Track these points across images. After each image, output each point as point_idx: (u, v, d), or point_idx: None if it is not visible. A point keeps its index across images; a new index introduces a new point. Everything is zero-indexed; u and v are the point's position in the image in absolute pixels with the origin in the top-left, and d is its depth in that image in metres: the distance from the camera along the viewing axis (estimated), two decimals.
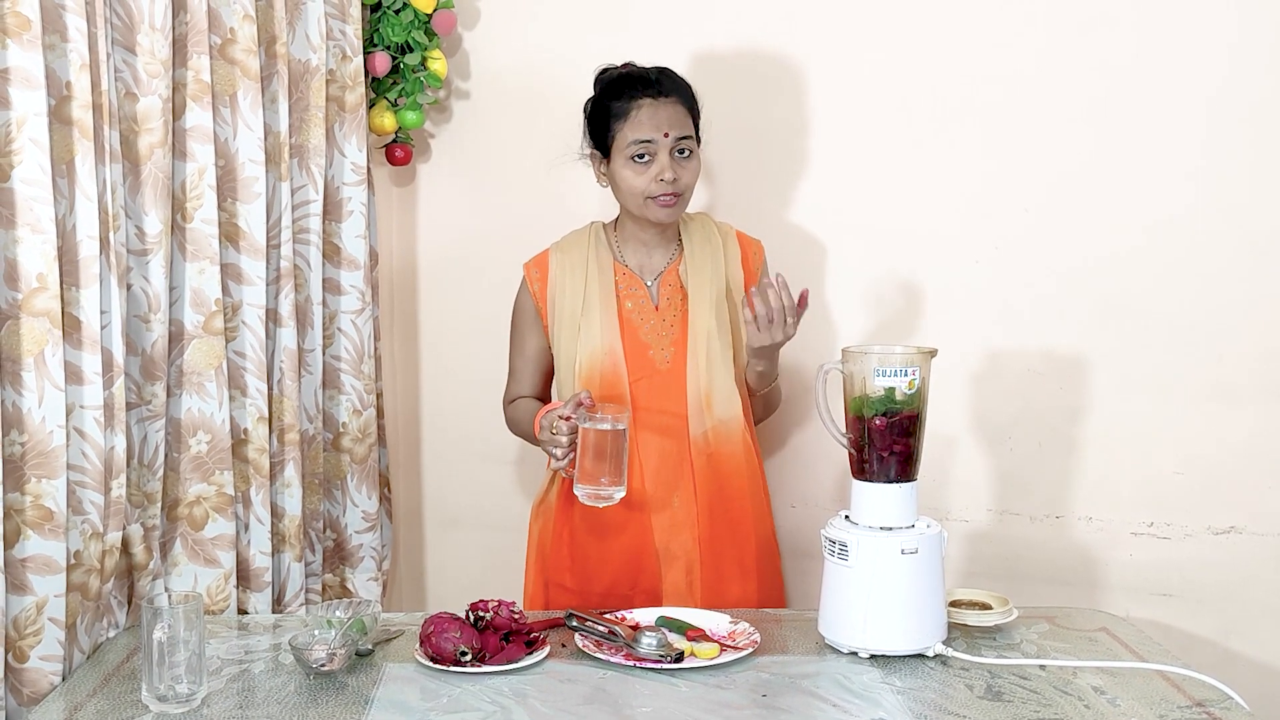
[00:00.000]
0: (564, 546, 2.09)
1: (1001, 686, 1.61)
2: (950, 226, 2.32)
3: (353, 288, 2.33)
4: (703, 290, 2.06)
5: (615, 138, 1.99)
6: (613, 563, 2.05)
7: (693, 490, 2.04)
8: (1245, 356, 2.16)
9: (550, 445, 1.94)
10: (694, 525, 2.03)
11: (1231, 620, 2.19)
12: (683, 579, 2.03)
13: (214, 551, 1.98)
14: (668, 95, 2.00)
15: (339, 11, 2.26)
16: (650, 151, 1.97)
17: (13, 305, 1.59)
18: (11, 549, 1.61)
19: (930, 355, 1.76)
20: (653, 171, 1.97)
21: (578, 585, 2.07)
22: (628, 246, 2.10)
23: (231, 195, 2.00)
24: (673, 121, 1.98)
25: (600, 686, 1.61)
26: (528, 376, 2.17)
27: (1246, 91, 2.12)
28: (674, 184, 1.98)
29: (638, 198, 2.00)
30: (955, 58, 2.29)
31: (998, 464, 2.32)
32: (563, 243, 2.14)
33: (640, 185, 1.98)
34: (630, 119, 1.98)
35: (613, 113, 2.00)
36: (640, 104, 1.98)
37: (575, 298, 2.07)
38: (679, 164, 1.98)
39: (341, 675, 1.65)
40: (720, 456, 2.05)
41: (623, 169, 2.00)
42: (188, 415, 1.94)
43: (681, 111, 2.01)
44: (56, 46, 1.62)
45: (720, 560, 2.05)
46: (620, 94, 2.00)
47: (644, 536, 2.04)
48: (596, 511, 2.00)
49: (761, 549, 2.10)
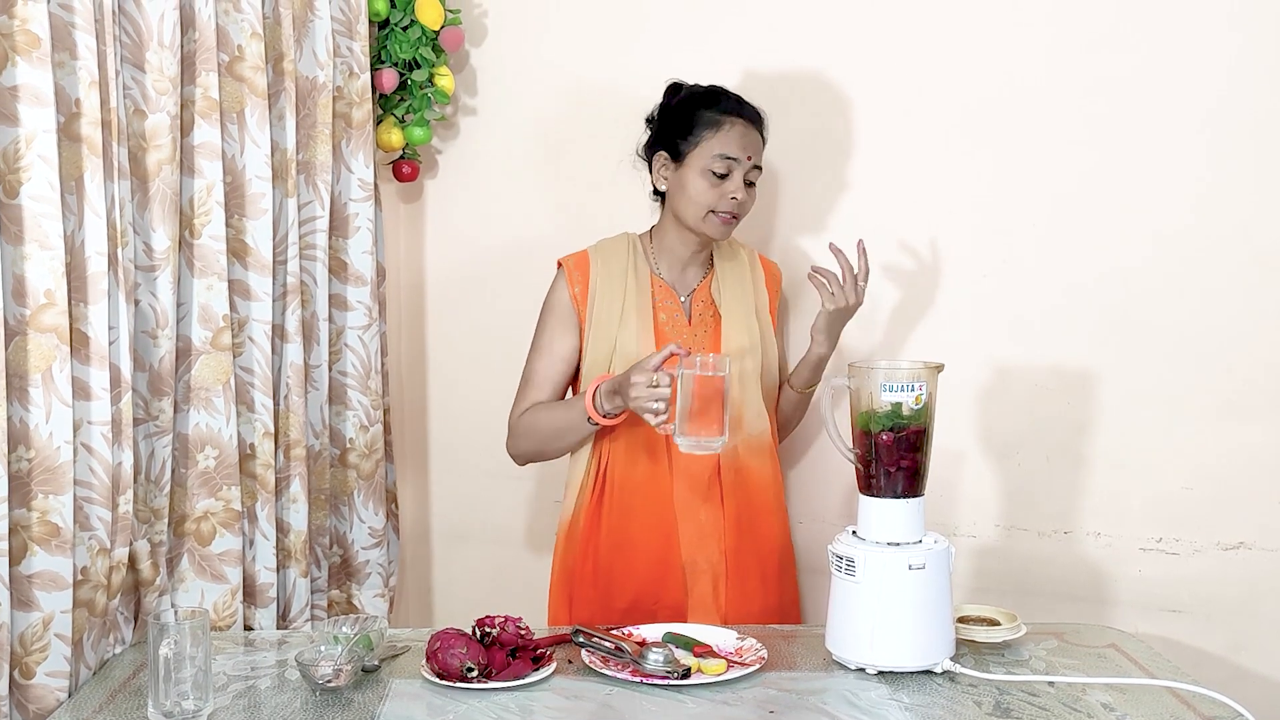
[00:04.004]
0: (590, 560, 2.08)
1: (1010, 703, 1.60)
2: (958, 241, 2.32)
3: (360, 303, 2.33)
4: (735, 309, 2.10)
5: (699, 146, 2.01)
6: (639, 575, 2.05)
7: (720, 503, 2.05)
8: (1254, 370, 2.15)
9: (649, 400, 1.82)
10: (720, 538, 2.05)
11: (1241, 636, 2.18)
12: (709, 591, 2.04)
13: (221, 567, 1.98)
14: (754, 123, 2.05)
15: (346, 29, 2.27)
16: (730, 169, 2.00)
17: (21, 321, 1.60)
18: (18, 565, 1.61)
19: (937, 370, 1.75)
20: (726, 188, 2.00)
21: (602, 599, 2.06)
22: (663, 260, 2.11)
23: (239, 211, 2.01)
24: (755, 148, 2.04)
25: (607, 703, 1.61)
26: (550, 383, 2.08)
27: (1250, 106, 2.12)
28: (739, 205, 2.01)
29: (701, 209, 2.01)
30: (960, 75, 2.29)
31: (1005, 479, 2.32)
32: (602, 248, 2.12)
33: (709, 198, 2.00)
34: (722, 133, 2.01)
35: (703, 121, 2.02)
36: (734, 122, 2.02)
37: (614, 306, 2.06)
38: (746, 190, 2.03)
39: (347, 691, 1.64)
40: (749, 471, 2.08)
41: (697, 178, 2.01)
42: (195, 431, 1.95)
43: (760, 143, 2.06)
44: (66, 64, 1.63)
45: (745, 574, 2.06)
46: (715, 105, 2.03)
47: (671, 549, 2.04)
48: (624, 524, 2.02)
49: (783, 563, 2.12)
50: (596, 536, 2.07)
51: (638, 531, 2.04)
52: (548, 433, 2.05)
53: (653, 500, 2.04)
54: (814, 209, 2.40)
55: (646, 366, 1.83)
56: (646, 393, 1.82)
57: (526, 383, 2.11)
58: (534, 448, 2.09)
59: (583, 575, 2.08)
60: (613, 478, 2.06)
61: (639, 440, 2.04)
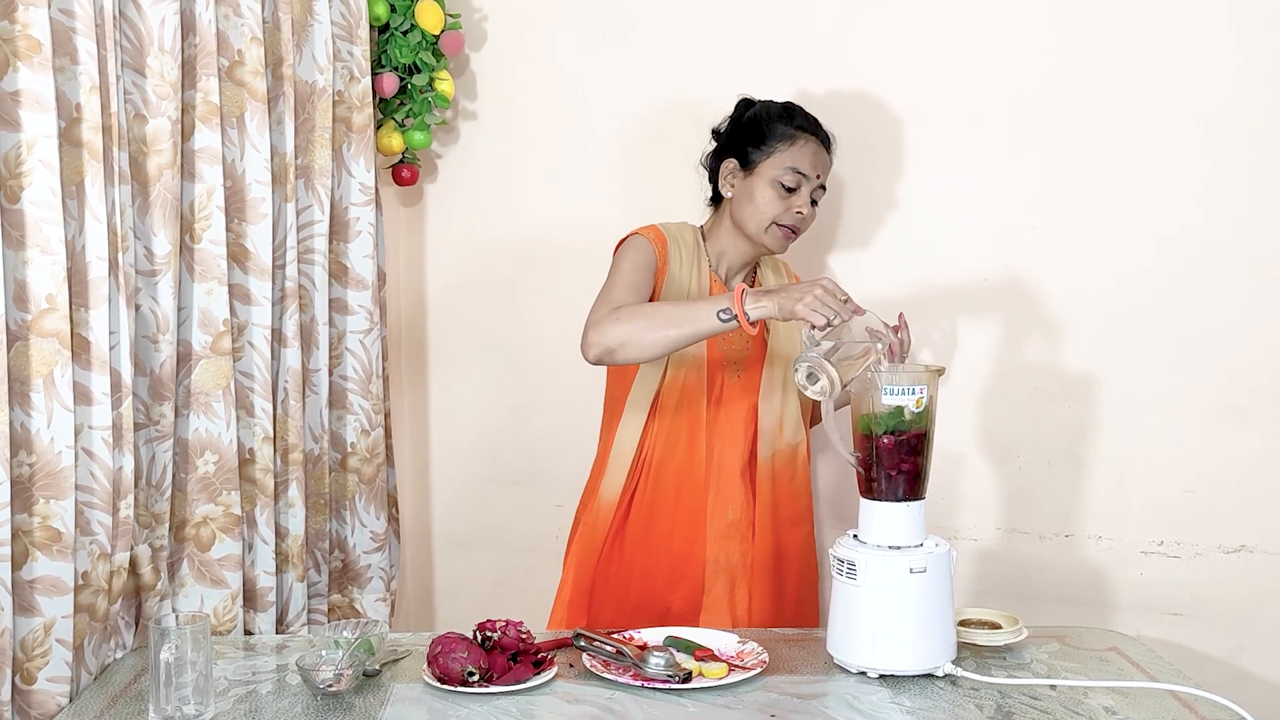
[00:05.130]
0: (614, 551, 2.07)
1: (1012, 707, 1.60)
2: (958, 245, 2.32)
3: (360, 308, 2.33)
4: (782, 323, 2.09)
5: (772, 157, 2.02)
6: (660, 570, 2.05)
7: (749, 507, 2.06)
8: (1255, 374, 2.15)
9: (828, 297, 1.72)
10: (742, 540, 2.05)
11: (1243, 639, 2.18)
12: (725, 593, 2.04)
13: (221, 572, 1.98)
14: (826, 145, 2.07)
15: (346, 33, 2.27)
16: (799, 185, 2.01)
17: (22, 326, 1.60)
18: (19, 570, 1.61)
19: (938, 373, 1.75)
20: (793, 203, 2.01)
21: (618, 591, 2.06)
22: (718, 260, 2.11)
23: (239, 216, 2.01)
24: (824, 168, 2.06)
25: (608, 707, 1.60)
26: (639, 294, 1.94)
27: (1254, 111, 2.12)
28: (801, 221, 2.03)
29: (764, 220, 2.02)
30: (960, 79, 2.30)
31: (1007, 482, 2.32)
32: (673, 230, 2.08)
33: (774, 210, 2.01)
34: (796, 147, 2.02)
35: (778, 134, 2.03)
36: (808, 138, 2.03)
37: (683, 290, 2.04)
38: (810, 207, 2.04)
39: (349, 696, 1.64)
40: (780, 479, 2.08)
41: (765, 188, 2.01)
42: (195, 436, 1.95)
43: (829, 164, 2.08)
44: (67, 69, 1.63)
45: (764, 579, 2.06)
46: (792, 119, 2.04)
47: (696, 545, 2.04)
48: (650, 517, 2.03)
49: (803, 572, 2.12)
50: (624, 523, 2.06)
51: (665, 525, 2.04)
52: (665, 316, 1.83)
53: (685, 495, 2.04)
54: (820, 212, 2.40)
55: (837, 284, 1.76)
56: (831, 288, 1.73)
57: (612, 290, 1.94)
58: (638, 329, 1.84)
59: (604, 564, 2.07)
60: (650, 467, 2.05)
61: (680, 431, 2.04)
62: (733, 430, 2.06)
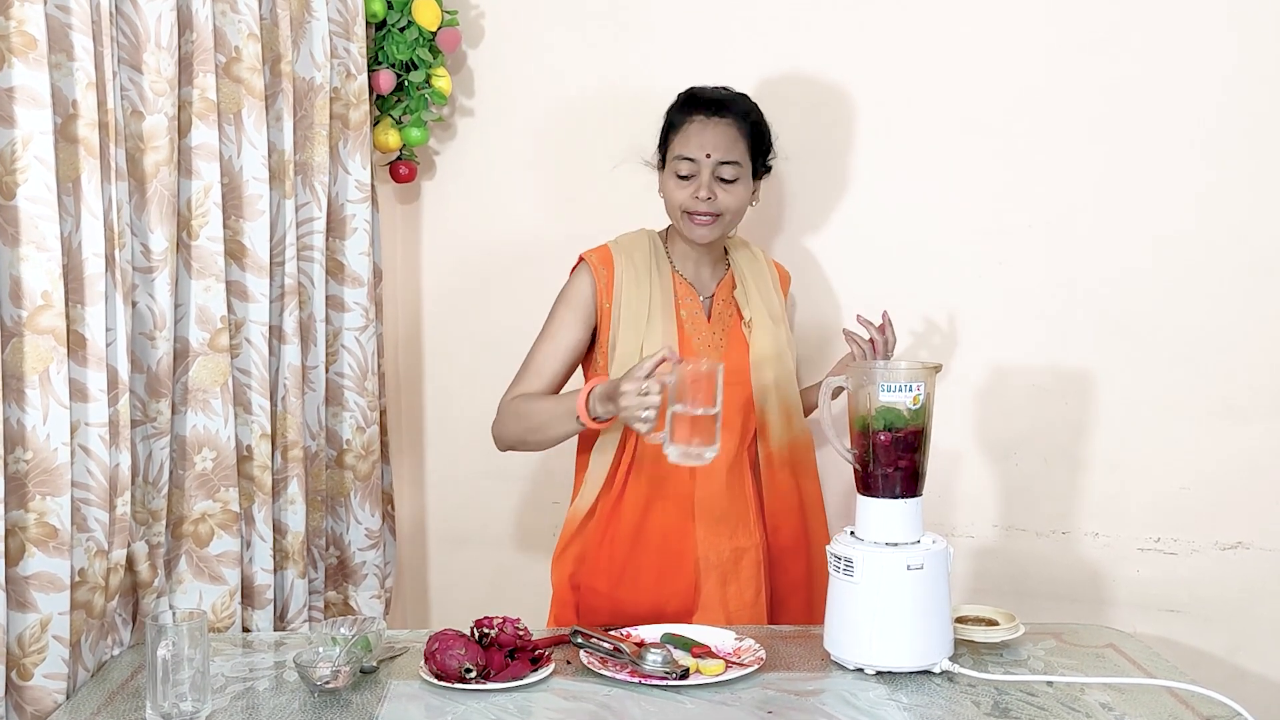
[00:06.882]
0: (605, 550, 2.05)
1: (1008, 703, 1.60)
2: (955, 242, 2.32)
3: (356, 304, 2.33)
4: (762, 311, 2.09)
5: (670, 147, 2.03)
6: (650, 569, 2.04)
7: (743, 503, 2.06)
8: (1251, 371, 2.16)
9: (638, 409, 1.74)
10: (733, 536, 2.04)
11: (1239, 636, 2.18)
12: (716, 591, 2.03)
13: (219, 569, 1.98)
14: (721, 117, 2.00)
15: (343, 30, 2.27)
16: (693, 171, 1.99)
17: (17, 323, 1.59)
18: (15, 567, 1.61)
19: (935, 370, 1.75)
20: (691, 189, 1.99)
21: (609, 588, 2.05)
22: (679, 259, 2.11)
23: (236, 213, 2.01)
24: (718, 144, 1.99)
25: (605, 704, 1.61)
26: (549, 373, 2.02)
27: (1249, 110, 2.13)
28: (709, 204, 1.99)
29: (675, 212, 2.03)
30: (960, 78, 2.30)
31: (1004, 480, 2.32)
32: (623, 243, 2.10)
33: (678, 199, 2.01)
34: (679, 134, 2.02)
35: (674, 124, 2.04)
36: (692, 121, 2.01)
37: (641, 303, 2.04)
38: (720, 187, 1.99)
39: (346, 693, 1.64)
40: (776, 476, 2.08)
41: (667, 180, 2.03)
42: (193, 432, 1.94)
43: (733, 135, 2.00)
44: (63, 65, 1.63)
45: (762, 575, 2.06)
46: (681, 108, 2.04)
47: (686, 544, 2.03)
48: (642, 516, 2.01)
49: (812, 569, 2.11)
50: (617, 522, 2.05)
51: (654, 522, 2.03)
52: (535, 422, 1.97)
53: (673, 494, 2.03)
54: (816, 209, 2.41)
55: (637, 374, 1.76)
56: (636, 401, 1.74)
57: (525, 368, 2.05)
58: (518, 435, 2.01)
59: (596, 561, 2.06)
60: (640, 468, 2.04)
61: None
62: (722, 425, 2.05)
